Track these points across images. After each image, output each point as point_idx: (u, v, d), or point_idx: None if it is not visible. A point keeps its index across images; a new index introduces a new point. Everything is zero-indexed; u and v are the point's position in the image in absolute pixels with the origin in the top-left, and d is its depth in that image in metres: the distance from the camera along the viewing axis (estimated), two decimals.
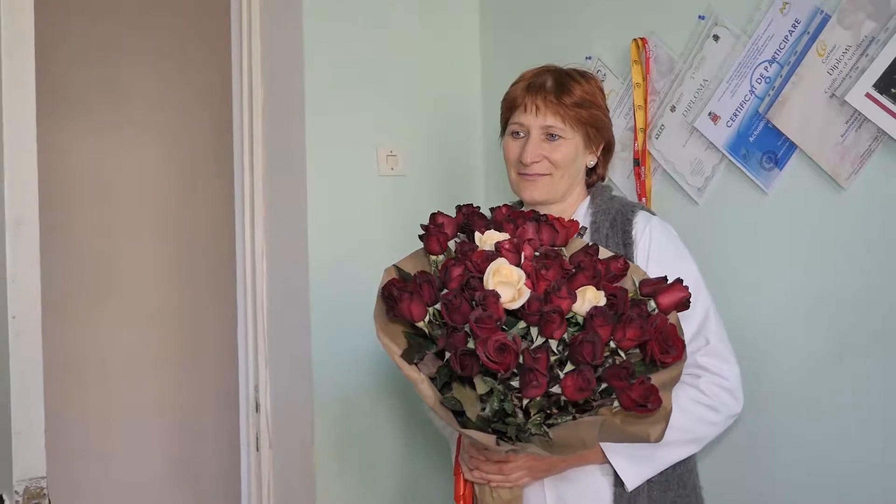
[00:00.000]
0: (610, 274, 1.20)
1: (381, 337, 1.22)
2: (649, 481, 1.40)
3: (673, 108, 1.72)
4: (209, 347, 3.40)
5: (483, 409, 1.13)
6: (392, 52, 2.07)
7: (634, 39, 1.77)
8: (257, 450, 2.08)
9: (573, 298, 1.13)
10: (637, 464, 1.37)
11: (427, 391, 1.17)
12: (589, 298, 1.14)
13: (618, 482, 1.39)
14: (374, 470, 2.05)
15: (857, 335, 1.45)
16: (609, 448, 1.36)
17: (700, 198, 1.67)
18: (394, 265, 1.28)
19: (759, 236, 1.58)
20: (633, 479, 1.38)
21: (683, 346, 1.18)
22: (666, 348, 1.14)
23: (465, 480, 1.39)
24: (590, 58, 1.87)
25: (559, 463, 1.36)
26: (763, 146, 1.56)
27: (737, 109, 1.61)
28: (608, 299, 1.16)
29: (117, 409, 3.31)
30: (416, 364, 1.19)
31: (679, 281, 1.23)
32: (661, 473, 1.41)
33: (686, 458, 1.44)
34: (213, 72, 3.06)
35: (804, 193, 1.50)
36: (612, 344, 1.14)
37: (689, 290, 1.22)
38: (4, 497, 1.29)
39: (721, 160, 1.64)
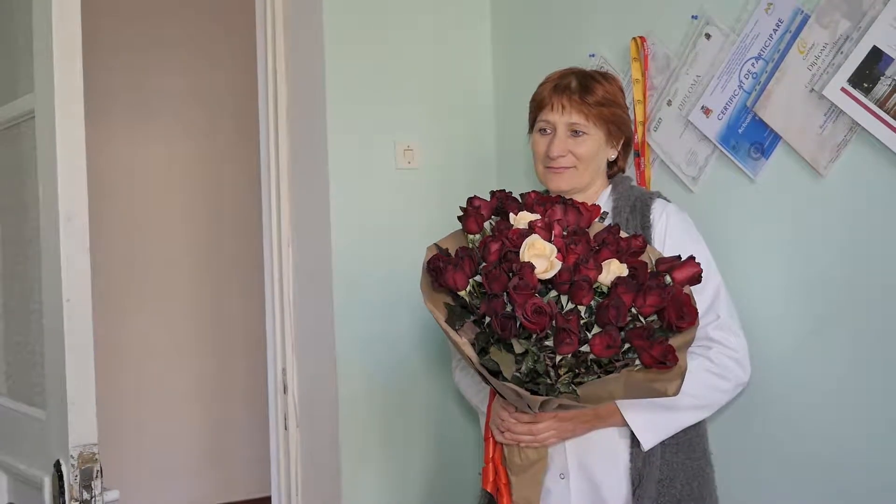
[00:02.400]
0: (631, 250, 1.30)
1: (428, 305, 1.31)
2: (663, 443, 1.48)
3: (669, 103, 1.79)
4: (239, 333, 3.47)
5: (518, 370, 1.24)
6: (409, 52, 2.13)
7: (633, 38, 1.83)
8: (285, 429, 2.14)
9: (599, 270, 1.25)
10: (653, 426, 1.45)
11: (470, 352, 1.27)
12: (613, 270, 1.26)
13: (634, 444, 1.47)
14: (399, 446, 2.10)
15: (834, 309, 1.52)
16: (627, 411, 1.44)
17: (694, 186, 1.75)
18: (434, 244, 1.37)
19: (748, 221, 1.65)
20: (648, 441, 1.46)
21: (696, 313, 1.28)
22: (681, 314, 1.25)
23: (496, 444, 1.46)
24: (593, 55, 1.94)
25: (583, 424, 1.45)
26: (751, 137, 1.64)
27: (727, 103, 1.67)
28: (630, 271, 1.27)
29: (152, 392, 3.36)
30: (457, 330, 1.29)
31: (691, 258, 1.33)
32: (674, 437, 1.48)
33: (697, 424, 1.52)
34: (240, 69, 3.07)
35: (788, 181, 1.58)
36: (634, 310, 1.25)
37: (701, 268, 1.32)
38: (62, 461, 1.37)
39: (713, 151, 1.71)
